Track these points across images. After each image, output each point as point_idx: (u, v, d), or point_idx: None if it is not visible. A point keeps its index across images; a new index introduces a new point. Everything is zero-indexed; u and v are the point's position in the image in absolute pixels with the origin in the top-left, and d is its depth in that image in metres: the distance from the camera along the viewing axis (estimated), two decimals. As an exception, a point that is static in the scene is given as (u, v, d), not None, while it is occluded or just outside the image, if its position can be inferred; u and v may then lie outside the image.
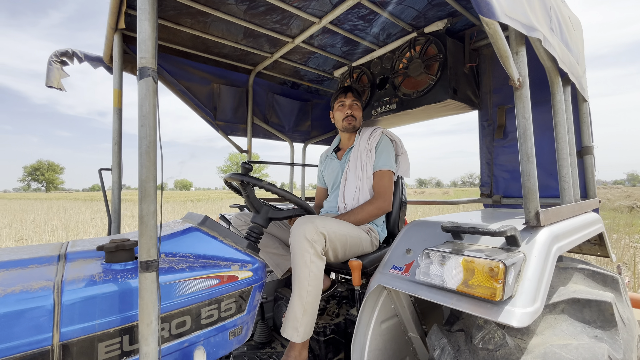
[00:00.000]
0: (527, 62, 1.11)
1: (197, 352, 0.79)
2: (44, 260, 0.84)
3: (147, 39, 0.72)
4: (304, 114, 2.81)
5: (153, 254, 0.70)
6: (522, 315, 0.73)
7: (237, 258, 1.08)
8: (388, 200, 1.61)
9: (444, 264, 0.87)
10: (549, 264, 0.85)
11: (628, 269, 4.49)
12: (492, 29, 0.80)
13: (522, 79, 0.91)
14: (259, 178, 1.25)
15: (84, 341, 0.72)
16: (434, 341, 1.01)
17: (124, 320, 0.78)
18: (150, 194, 0.70)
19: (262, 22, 1.78)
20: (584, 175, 1.58)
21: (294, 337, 1.18)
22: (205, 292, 0.94)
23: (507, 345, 0.88)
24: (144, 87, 0.71)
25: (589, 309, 0.93)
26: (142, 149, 0.70)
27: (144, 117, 0.71)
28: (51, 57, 1.72)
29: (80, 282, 0.75)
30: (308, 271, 1.18)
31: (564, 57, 1.13)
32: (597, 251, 1.52)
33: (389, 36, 1.97)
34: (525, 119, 0.91)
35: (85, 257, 0.88)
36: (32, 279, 0.73)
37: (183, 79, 2.11)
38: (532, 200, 0.90)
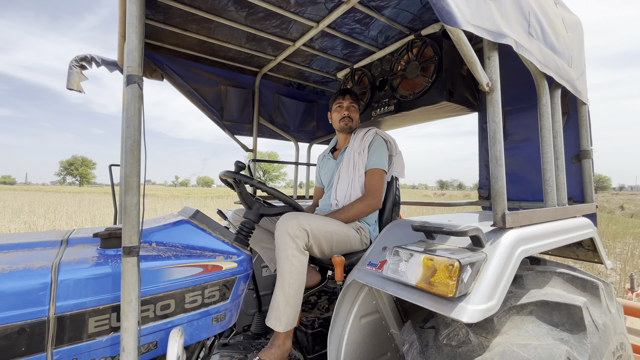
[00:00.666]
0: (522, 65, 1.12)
1: (173, 331, 0.87)
2: (49, 244, 0.95)
3: (134, 50, 0.81)
4: (310, 114, 2.88)
5: (135, 241, 0.79)
6: (473, 312, 0.76)
7: (223, 250, 1.16)
8: (378, 198, 1.64)
9: (408, 261, 0.91)
10: (510, 265, 0.86)
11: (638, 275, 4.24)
12: (456, 36, 0.83)
13: (493, 83, 0.93)
14: (248, 176, 1.33)
15: (77, 315, 0.82)
16: (404, 336, 1.05)
17: (113, 299, 0.87)
18: (133, 187, 0.80)
19: (263, 27, 1.86)
20: (581, 179, 1.55)
21: (276, 327, 1.25)
22: (190, 279, 1.02)
23: (470, 343, 0.90)
24: (130, 92, 0.80)
25: (557, 311, 0.94)
26: (127, 147, 0.79)
27: (129, 119, 0.80)
28: (72, 62, 1.89)
29: (75, 264, 0.85)
30: (290, 265, 1.24)
31: (546, 61, 1.13)
32: (592, 257, 1.49)
33: (388, 39, 2.00)
34: (495, 122, 0.93)
35: (84, 242, 0.99)
36: (35, 259, 0.84)
37: (192, 80, 2.23)
38: (499, 202, 0.92)
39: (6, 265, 0.79)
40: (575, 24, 1.50)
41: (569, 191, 1.62)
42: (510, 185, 1.86)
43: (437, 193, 51.85)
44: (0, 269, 0.77)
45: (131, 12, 0.81)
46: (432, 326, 1.04)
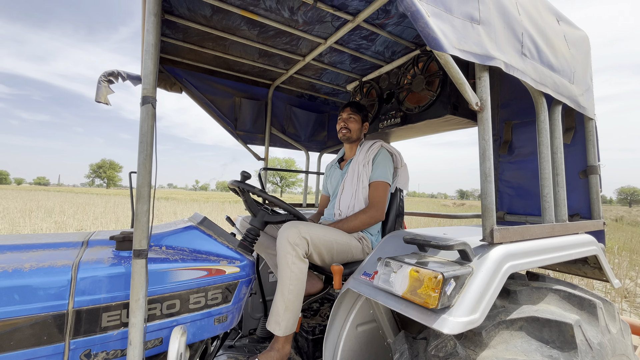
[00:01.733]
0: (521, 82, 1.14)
1: (176, 329, 0.94)
2: (72, 244, 1.06)
3: (149, 74, 0.91)
4: (321, 124, 2.96)
5: (144, 244, 0.88)
6: (454, 324, 0.79)
7: (227, 255, 1.24)
8: (381, 210, 1.68)
9: (397, 273, 0.95)
10: (496, 280, 0.88)
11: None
12: (443, 60, 0.88)
13: (483, 102, 0.97)
14: (251, 185, 1.41)
15: (92, 310, 0.91)
16: (396, 346, 1.08)
17: (124, 297, 0.96)
18: (145, 196, 0.89)
19: (274, 44, 1.97)
20: (589, 195, 1.52)
21: (276, 331, 1.31)
22: (194, 281, 1.10)
23: (457, 355, 0.92)
24: (144, 111, 0.90)
25: (548, 328, 0.94)
26: (140, 160, 0.89)
27: (143, 135, 0.90)
28: (100, 77, 2.06)
29: (93, 264, 0.95)
30: (289, 271, 1.30)
31: (543, 79, 1.15)
32: (599, 275, 1.45)
33: (394, 53, 2.05)
34: (485, 140, 0.96)
35: (103, 244, 1.09)
36: (59, 258, 0.95)
37: (208, 92, 2.36)
38: (488, 218, 0.95)
39: (34, 262, 0.89)
40: (580, 39, 1.50)
41: (576, 207, 1.60)
42: (517, 199, 1.85)
43: (456, 203, 50.54)
44: (29, 266, 0.87)
45: (148, 41, 0.92)
46: (424, 337, 1.07)
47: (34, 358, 0.83)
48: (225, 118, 2.47)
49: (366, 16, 1.59)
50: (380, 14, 1.60)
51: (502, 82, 1.92)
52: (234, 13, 1.64)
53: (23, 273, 0.84)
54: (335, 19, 1.66)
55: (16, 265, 0.87)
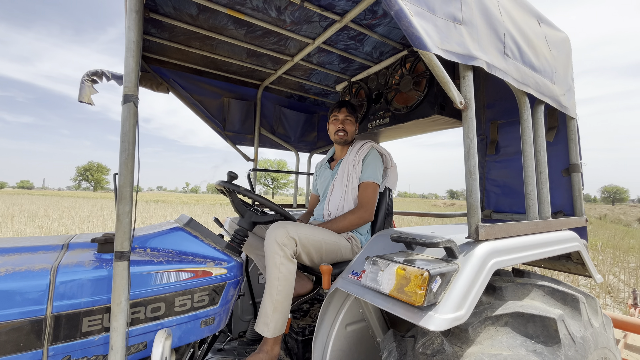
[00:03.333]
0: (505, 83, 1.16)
1: (160, 332, 0.92)
2: (51, 247, 1.03)
3: (131, 72, 0.89)
4: (310, 125, 2.95)
5: (126, 246, 0.86)
6: (441, 321, 0.80)
7: (213, 256, 1.22)
8: (370, 211, 1.68)
9: (384, 271, 0.95)
10: (482, 277, 0.89)
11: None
12: (427, 59, 0.89)
13: (467, 101, 0.98)
14: (238, 185, 1.39)
15: (72, 315, 0.88)
16: (385, 344, 1.08)
17: (106, 301, 0.94)
18: (127, 197, 0.87)
19: (262, 44, 1.96)
20: (571, 193, 1.56)
21: (264, 332, 1.30)
22: (180, 283, 1.08)
23: (444, 352, 0.93)
24: (126, 110, 0.88)
25: (532, 323, 0.96)
26: (122, 160, 0.87)
27: (124, 134, 0.88)
28: (84, 77, 2.01)
29: (73, 267, 0.92)
30: (278, 272, 1.29)
31: (525, 79, 1.17)
32: (582, 271, 1.49)
33: (382, 54, 2.07)
34: (470, 138, 0.97)
35: (83, 247, 1.07)
36: (37, 261, 0.92)
37: (195, 93, 2.34)
38: (473, 215, 0.96)
39: (10, 266, 0.86)
40: (561, 40, 1.54)
41: (559, 204, 1.63)
42: (504, 197, 1.88)
43: (446, 203, 51.21)
44: (5, 270, 0.84)
45: (129, 39, 0.90)
46: (412, 335, 1.07)
47: (10, 366, 0.80)
48: (213, 119, 2.45)
49: (353, 16, 1.60)
50: (367, 14, 1.61)
51: (488, 83, 1.95)
52: (221, 12, 1.63)
53: (-2, 278, 0.81)
54: (322, 19, 1.66)
55: (-9, 269, 0.83)
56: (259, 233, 1.84)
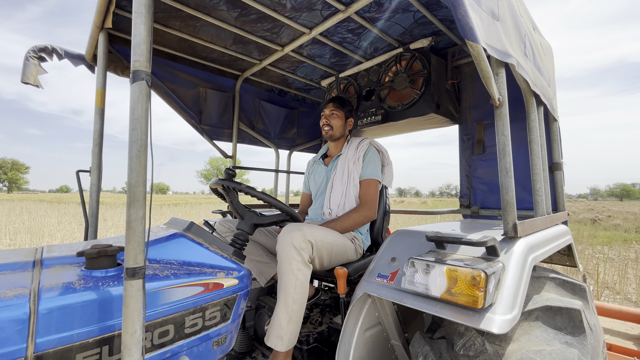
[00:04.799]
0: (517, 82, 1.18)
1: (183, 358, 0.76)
2: (18, 266, 0.79)
3: (142, 43, 0.71)
4: (290, 121, 2.83)
5: (140, 261, 0.68)
6: (502, 322, 0.77)
7: (222, 265, 1.06)
8: (374, 209, 1.64)
9: (428, 273, 0.91)
10: (525, 273, 0.90)
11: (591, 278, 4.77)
12: (475, 51, 0.85)
13: (502, 98, 0.97)
14: (241, 183, 1.24)
15: (61, 352, 0.68)
16: (417, 348, 1.03)
17: (105, 330, 0.75)
18: (139, 198, 0.69)
19: (253, 30, 1.79)
20: (554, 190, 1.69)
21: (278, 346, 1.17)
22: (190, 300, 0.92)
23: (486, 352, 0.91)
24: (136, 90, 0.70)
25: (560, 316, 0.99)
26: (133, 152, 0.69)
27: (135, 120, 0.70)
28: (28, 53, 1.65)
29: (59, 290, 0.71)
30: (295, 279, 1.18)
31: (536, 80, 1.22)
32: (565, 261, 1.62)
33: (376, 50, 2.04)
34: (505, 135, 0.97)
35: (64, 263, 0.84)
36: (6, 286, 0.69)
37: (168, 81, 2.07)
38: (510, 212, 0.96)
39: None
40: (548, 48, 1.66)
41: None
42: (490, 194, 1.98)
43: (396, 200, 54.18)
44: (-38, 302, 0.61)
45: (139, 1, 0.72)
46: (442, 336, 1.04)
47: None
48: (188, 110, 2.20)
49: (359, 7, 1.53)
50: (373, 6, 1.56)
51: (474, 84, 2.03)
52: None
53: (-47, 313, 0.59)
54: (326, 7, 1.57)
55: (-60, 302, 0.60)
56: (252, 236, 1.69)
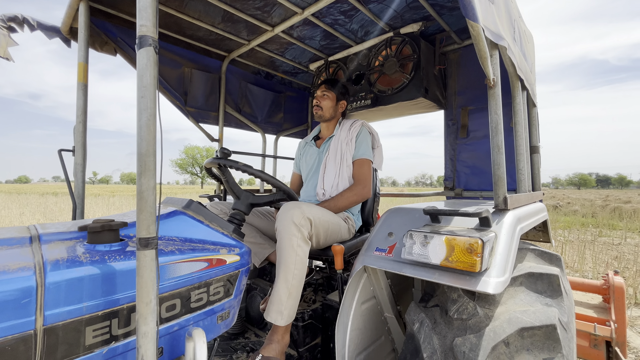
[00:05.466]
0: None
1: (196, 331, 0.77)
2: (14, 242, 0.76)
3: (147, 6, 0.69)
4: (277, 105, 2.79)
5: (152, 231, 0.67)
6: (496, 284, 0.84)
7: (224, 242, 1.06)
8: (367, 187, 1.68)
9: (427, 243, 0.96)
10: (514, 242, 0.97)
11: (555, 258, 5.17)
12: (475, 31, 0.89)
13: (496, 79, 1.03)
14: (236, 161, 1.23)
15: (70, 325, 0.67)
16: (412, 316, 1.10)
17: (113, 303, 0.74)
18: (150, 168, 0.68)
19: (243, 7, 1.74)
20: (532, 171, 1.81)
21: (277, 321, 1.20)
22: (195, 275, 0.92)
23: (478, 315, 0.99)
24: (144, 56, 0.68)
25: (541, 281, 1.08)
26: (142, 121, 0.67)
27: (144, 88, 0.68)
28: (-4, 22, 1.51)
29: (65, 263, 0.69)
30: (295, 255, 1.20)
31: (522, 65, 1.29)
32: (540, 237, 1.75)
33: (367, 34, 2.05)
34: (497, 115, 1.03)
35: (63, 238, 0.81)
36: (7, 260, 0.66)
37: None
38: (501, 187, 1.02)
39: None
40: (530, 37, 1.74)
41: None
42: (473, 177, 2.08)
43: (374, 189, 55.35)
44: (-36, 274, 0.58)
45: None
46: (436, 304, 1.11)
47: (-13, 405, 0.57)
48: (173, 91, 2.12)
49: None
50: None
51: (459, 71, 2.10)
52: None
53: (-43, 285, 0.56)
54: None
55: (-60, 274, 0.57)
56: (247, 219, 1.69)
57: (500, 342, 0.89)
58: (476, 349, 0.89)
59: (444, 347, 0.97)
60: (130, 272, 0.77)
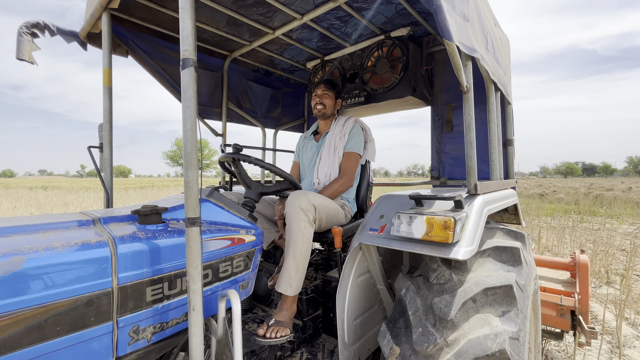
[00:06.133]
0: None
1: (231, 291, 0.97)
2: (81, 223, 0.94)
3: (189, 35, 0.86)
4: (275, 101, 2.96)
5: (197, 212, 0.87)
6: (465, 252, 1.06)
7: (242, 224, 1.26)
8: (351, 178, 1.89)
9: (412, 222, 1.17)
10: (481, 220, 1.19)
11: (535, 243, 5.52)
12: (450, 48, 1.09)
13: (469, 85, 1.23)
14: (248, 155, 1.42)
15: (136, 285, 0.86)
16: (400, 284, 1.32)
17: (164, 270, 0.93)
18: (194, 164, 0.87)
19: (247, 13, 1.90)
20: (507, 162, 2.04)
21: (287, 291, 1.41)
22: (222, 251, 1.12)
23: (452, 280, 1.21)
24: (187, 75, 0.86)
25: (505, 253, 1.31)
26: (187, 126, 0.86)
27: (188, 100, 0.86)
28: (21, 29, 1.65)
29: (128, 238, 0.88)
30: (302, 235, 1.41)
31: (494, 71, 1.49)
32: (512, 220, 2.00)
33: (360, 36, 2.22)
34: (470, 115, 1.24)
35: (118, 220, 1.00)
36: (83, 236, 0.85)
37: (158, 59, 2.12)
38: (472, 175, 1.24)
39: (58, 242, 0.79)
40: (506, 41, 1.95)
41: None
42: (456, 167, 2.31)
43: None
44: (60, 245, 0.77)
45: (184, 1, 0.86)
46: (420, 274, 1.34)
47: (83, 341, 0.76)
48: (179, 88, 2.27)
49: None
50: None
51: (444, 70, 2.30)
52: None
53: (59, 252, 0.75)
54: None
55: (45, 244, 0.75)
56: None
57: (469, 299, 1.12)
58: (450, 305, 1.12)
59: (425, 306, 1.20)
60: (174, 246, 0.96)
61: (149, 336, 0.90)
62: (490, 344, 1.01)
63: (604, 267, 4.55)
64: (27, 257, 0.70)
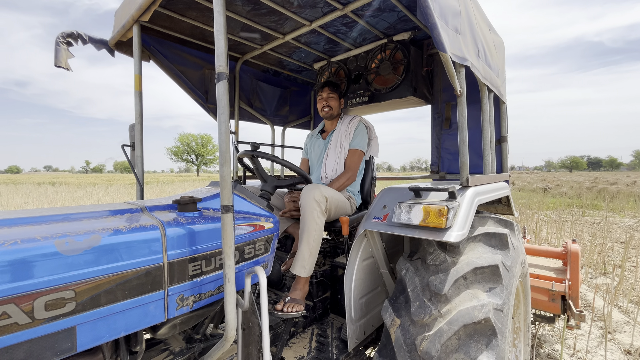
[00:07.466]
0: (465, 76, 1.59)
1: (258, 268, 1.16)
2: (132, 210, 1.12)
3: (223, 53, 1.03)
4: (284, 100, 3.13)
5: (230, 201, 1.04)
6: (456, 236, 1.23)
7: (262, 213, 1.44)
8: (354, 173, 2.07)
9: (411, 210, 1.34)
10: (472, 209, 1.36)
11: (535, 235, 5.67)
12: (444, 58, 1.25)
13: (462, 90, 1.39)
14: (266, 152, 1.60)
15: (181, 262, 1.05)
16: (401, 266, 1.50)
17: (201, 250, 1.11)
18: (228, 160, 1.04)
19: (260, 21, 2.06)
20: (501, 157, 2.19)
21: (301, 273, 1.60)
22: (246, 235, 1.30)
23: (447, 262, 1.39)
24: (222, 87, 1.03)
25: (494, 238, 1.48)
26: (222, 130, 1.03)
27: (222, 108, 1.03)
28: (58, 38, 1.82)
29: (173, 223, 1.06)
30: (315, 224, 1.58)
31: (486, 75, 1.64)
32: (505, 211, 2.16)
33: (365, 40, 2.37)
34: (463, 116, 1.40)
35: (162, 209, 1.18)
36: (137, 221, 1.03)
37: (178, 63, 2.29)
38: (464, 170, 1.40)
39: (122, 225, 0.97)
40: (500, 44, 2.09)
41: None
42: (454, 162, 2.47)
43: (370, 175, 56.05)
44: (120, 226, 0.95)
45: (219, 22, 1.03)
46: (418, 257, 1.51)
47: (144, 304, 0.95)
48: (196, 90, 2.44)
49: (354, 7, 1.85)
50: (365, 6, 1.89)
51: (443, 71, 2.45)
52: None
53: (124, 233, 0.93)
54: (326, 5, 1.87)
55: (112, 226, 0.94)
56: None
57: (460, 277, 1.29)
58: (443, 282, 1.29)
59: (422, 284, 1.37)
60: (209, 230, 1.14)
61: (190, 304, 1.09)
62: (477, 313, 1.19)
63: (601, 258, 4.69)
64: (102, 236, 0.88)
